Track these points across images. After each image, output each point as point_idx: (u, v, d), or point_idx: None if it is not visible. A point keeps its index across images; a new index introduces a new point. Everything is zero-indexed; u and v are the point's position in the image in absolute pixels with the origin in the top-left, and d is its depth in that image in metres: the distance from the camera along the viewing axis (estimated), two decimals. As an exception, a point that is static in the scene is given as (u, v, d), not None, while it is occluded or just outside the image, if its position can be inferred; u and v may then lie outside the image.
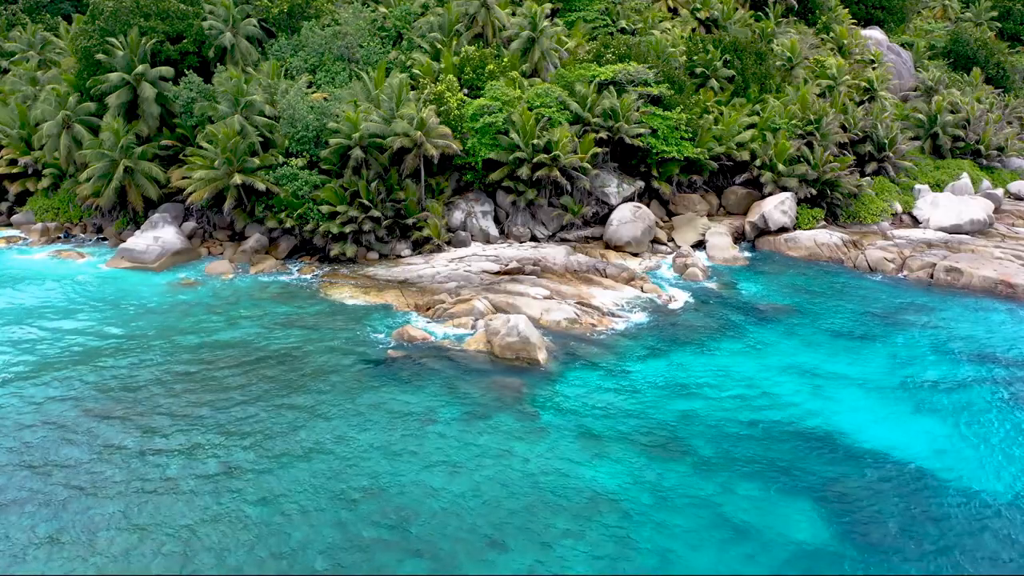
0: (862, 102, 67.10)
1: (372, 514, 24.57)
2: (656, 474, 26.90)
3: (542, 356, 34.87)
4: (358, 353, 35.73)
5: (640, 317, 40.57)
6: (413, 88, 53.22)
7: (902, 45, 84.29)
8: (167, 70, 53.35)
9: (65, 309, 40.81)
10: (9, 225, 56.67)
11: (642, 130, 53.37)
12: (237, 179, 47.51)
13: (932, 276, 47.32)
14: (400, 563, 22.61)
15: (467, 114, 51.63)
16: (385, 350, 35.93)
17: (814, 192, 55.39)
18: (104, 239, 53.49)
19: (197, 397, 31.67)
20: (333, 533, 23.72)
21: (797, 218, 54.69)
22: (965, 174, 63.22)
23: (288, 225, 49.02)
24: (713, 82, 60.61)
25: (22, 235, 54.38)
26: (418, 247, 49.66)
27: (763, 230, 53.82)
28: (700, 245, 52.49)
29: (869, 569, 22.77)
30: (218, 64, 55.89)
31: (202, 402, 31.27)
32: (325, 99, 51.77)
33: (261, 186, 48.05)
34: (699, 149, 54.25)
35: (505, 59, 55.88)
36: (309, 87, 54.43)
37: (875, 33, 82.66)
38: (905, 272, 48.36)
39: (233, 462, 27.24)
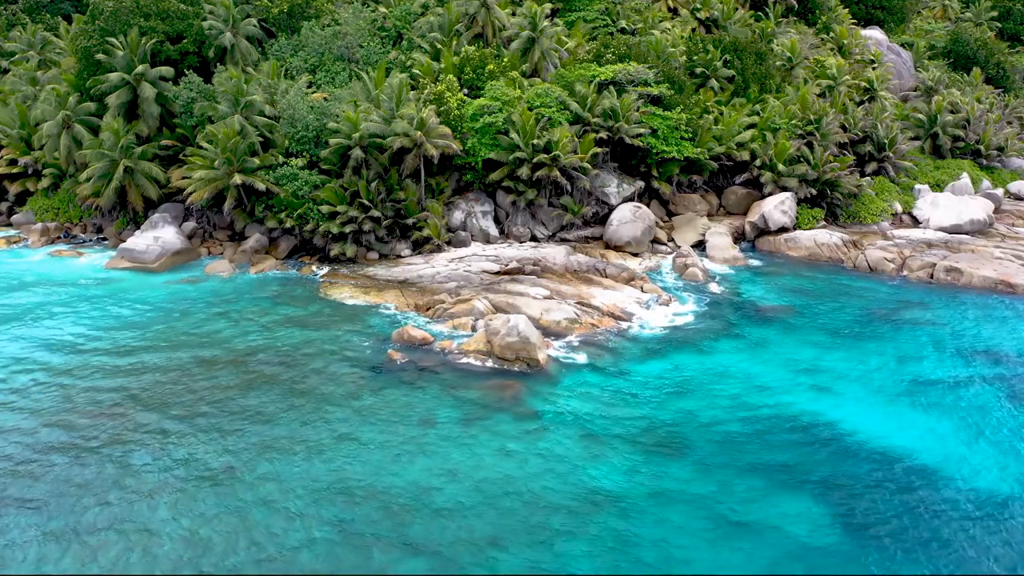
0: (862, 102, 67.11)
1: (372, 514, 24.56)
2: (656, 473, 26.90)
3: (542, 356, 34.86)
4: (358, 353, 35.73)
5: (640, 317, 40.55)
6: (413, 88, 53.23)
7: (902, 45, 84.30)
8: (167, 70, 53.38)
9: (65, 309, 40.80)
10: (9, 225, 56.71)
11: (642, 130, 53.37)
12: (237, 179, 47.52)
13: (932, 276, 47.33)
14: (400, 563, 22.61)
15: (467, 114, 51.63)
16: (385, 350, 35.92)
17: (814, 192, 55.39)
18: (104, 239, 53.51)
19: (196, 397, 31.66)
20: (333, 533, 23.72)
21: (797, 218, 54.69)
22: (965, 174, 63.23)
23: (288, 225, 49.04)
24: (713, 82, 60.62)
25: (22, 235, 54.39)
26: (418, 247, 49.66)
27: (763, 230, 53.83)
28: (700, 245, 52.48)
29: (869, 567, 22.76)
30: (218, 64, 55.91)
31: (201, 402, 31.27)
32: (325, 99, 51.78)
33: (261, 186, 48.06)
34: (699, 149, 54.25)
35: (505, 59, 55.88)
36: (309, 87, 54.44)
37: (875, 33, 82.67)
38: (905, 272, 48.36)
39: (232, 462, 27.23)
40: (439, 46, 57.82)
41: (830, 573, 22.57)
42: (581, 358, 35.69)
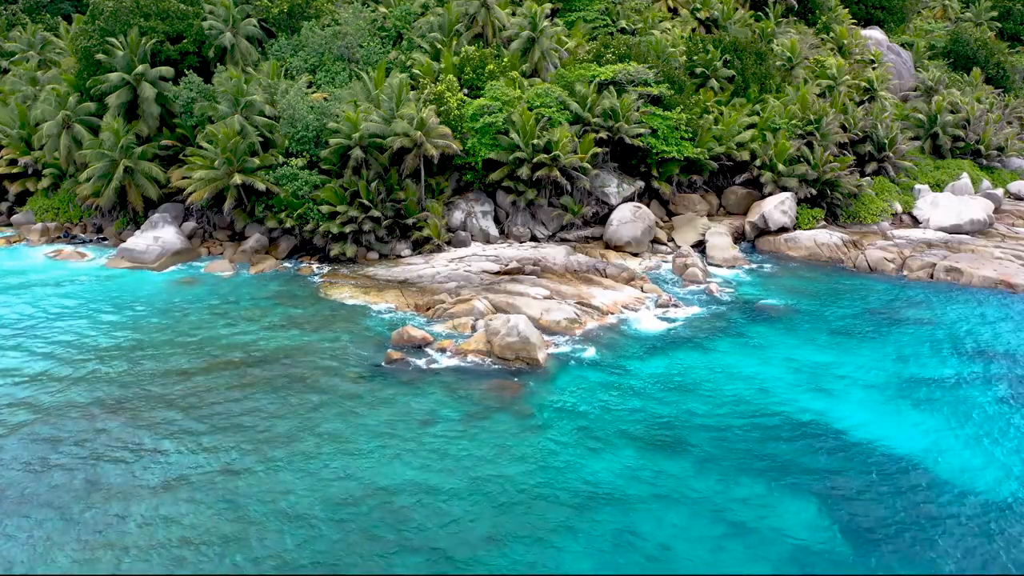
0: (862, 102, 67.10)
1: (371, 513, 24.56)
2: (655, 471, 26.90)
3: (542, 356, 34.87)
4: (358, 353, 35.73)
5: (640, 317, 40.56)
6: (413, 88, 53.23)
7: (902, 45, 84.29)
8: (167, 70, 53.37)
9: (64, 309, 40.79)
10: (9, 225, 56.67)
11: (642, 130, 53.37)
12: (237, 179, 47.53)
13: (932, 276, 47.33)
14: (399, 561, 22.60)
15: (467, 114, 51.63)
16: (385, 350, 35.91)
17: (814, 192, 55.38)
18: (104, 239, 53.51)
19: (196, 398, 31.66)
20: (332, 532, 23.72)
21: (797, 218, 54.69)
22: (965, 174, 63.23)
23: (288, 225, 49.04)
24: (713, 82, 60.61)
25: (22, 235, 54.36)
26: (418, 247, 49.66)
27: (763, 230, 53.82)
28: (700, 245, 52.46)
29: (869, 568, 22.75)
30: (218, 64, 55.91)
31: (201, 403, 31.27)
32: (325, 99, 51.79)
33: (261, 186, 48.06)
34: (699, 149, 54.25)
35: (505, 59, 55.88)
36: (309, 87, 54.44)
37: (875, 33, 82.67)
38: (905, 272, 48.35)
39: (232, 462, 27.23)
40: (439, 46, 57.82)
41: (830, 573, 22.57)
42: (581, 358, 35.69)
